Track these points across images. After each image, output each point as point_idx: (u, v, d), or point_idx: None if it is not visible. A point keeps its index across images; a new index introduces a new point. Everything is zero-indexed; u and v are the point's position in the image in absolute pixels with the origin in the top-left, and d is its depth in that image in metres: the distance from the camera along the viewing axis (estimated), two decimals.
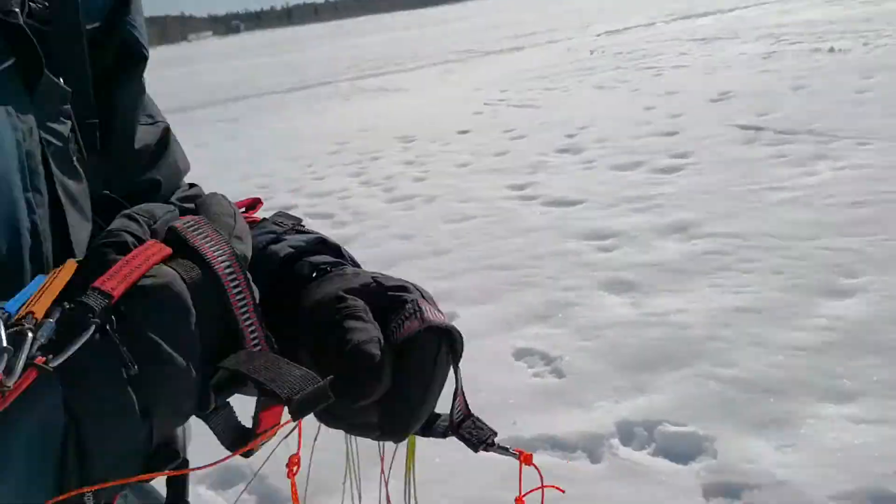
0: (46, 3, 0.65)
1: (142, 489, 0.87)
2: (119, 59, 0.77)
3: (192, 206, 0.66)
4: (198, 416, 0.55)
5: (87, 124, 0.71)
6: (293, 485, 0.75)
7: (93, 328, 0.46)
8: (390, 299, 0.66)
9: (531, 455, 0.68)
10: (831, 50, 9.33)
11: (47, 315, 0.47)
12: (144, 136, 0.82)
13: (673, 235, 4.14)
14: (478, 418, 0.70)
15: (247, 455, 0.55)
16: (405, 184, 6.41)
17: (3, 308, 0.47)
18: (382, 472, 0.77)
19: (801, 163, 4.99)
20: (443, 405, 0.69)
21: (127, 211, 0.58)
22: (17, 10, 0.60)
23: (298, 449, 0.72)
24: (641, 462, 2.38)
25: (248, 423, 0.56)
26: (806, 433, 2.35)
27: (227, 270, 0.54)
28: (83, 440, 0.46)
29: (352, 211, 5.80)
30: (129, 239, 0.54)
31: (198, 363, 0.52)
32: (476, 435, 0.69)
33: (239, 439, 0.55)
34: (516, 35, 22.03)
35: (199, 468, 0.56)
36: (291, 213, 0.79)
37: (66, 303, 0.48)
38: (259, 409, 0.53)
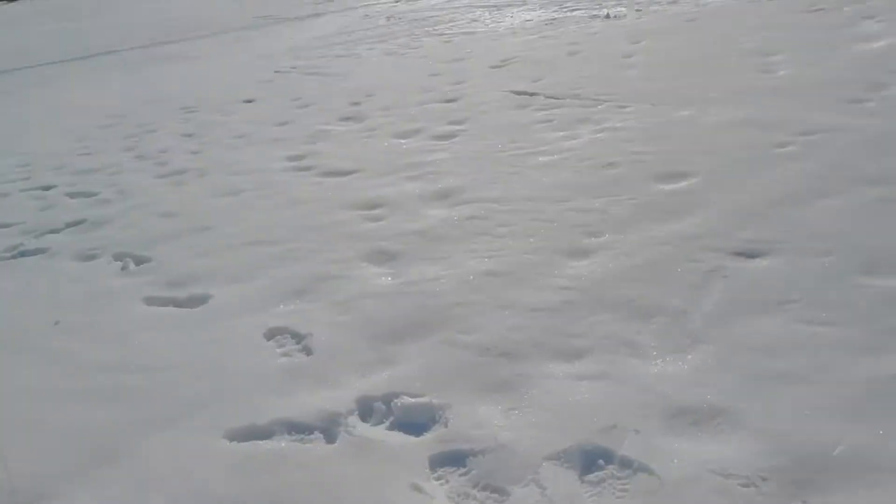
0: None
1: None
2: None
3: None
4: None
5: None
6: None
7: None
8: None
9: None
10: (607, 16, 9.75)
11: None
12: None
13: (439, 202, 4.16)
14: None
15: None
16: (179, 157, 6.08)
17: None
18: None
19: (565, 127, 5.16)
20: None
21: None
22: None
23: None
24: (376, 438, 2.35)
25: None
26: (533, 394, 2.40)
27: None
28: None
29: (118, 188, 5.42)
30: None
31: None
32: None
33: None
34: (316, 1, 21.55)
35: None
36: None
37: None
38: None
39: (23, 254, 4.41)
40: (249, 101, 8.08)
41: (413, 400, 2.47)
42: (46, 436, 2.56)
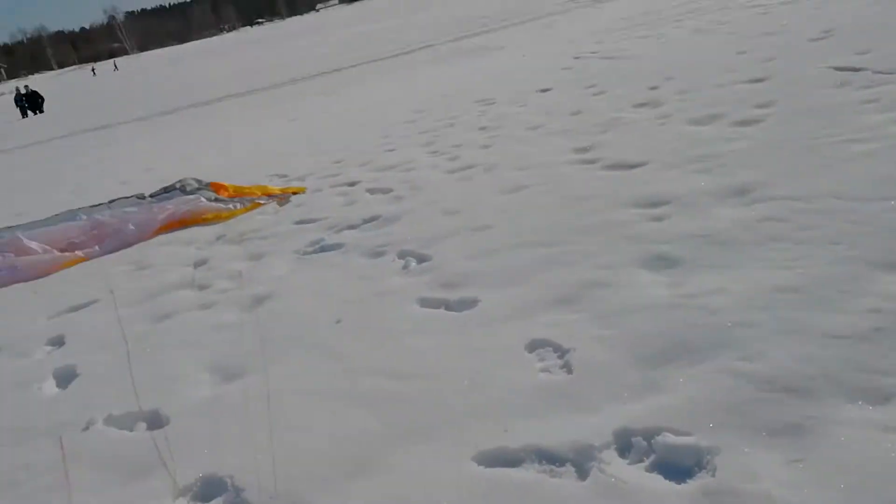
0: None
1: None
2: None
3: None
4: None
5: None
6: None
7: None
8: None
9: None
10: None
11: None
12: None
13: (732, 199, 3.73)
14: None
15: None
16: (471, 152, 6.16)
17: None
18: None
19: (893, 108, 4.40)
20: None
21: None
22: None
23: None
24: (632, 480, 2.10)
25: None
26: (823, 444, 2.00)
27: None
28: None
29: (411, 185, 5.61)
30: None
31: None
32: None
33: None
34: None
35: None
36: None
37: None
38: None
39: (322, 248, 4.69)
40: (545, 91, 8.01)
41: (677, 439, 2.18)
42: (311, 440, 2.63)
